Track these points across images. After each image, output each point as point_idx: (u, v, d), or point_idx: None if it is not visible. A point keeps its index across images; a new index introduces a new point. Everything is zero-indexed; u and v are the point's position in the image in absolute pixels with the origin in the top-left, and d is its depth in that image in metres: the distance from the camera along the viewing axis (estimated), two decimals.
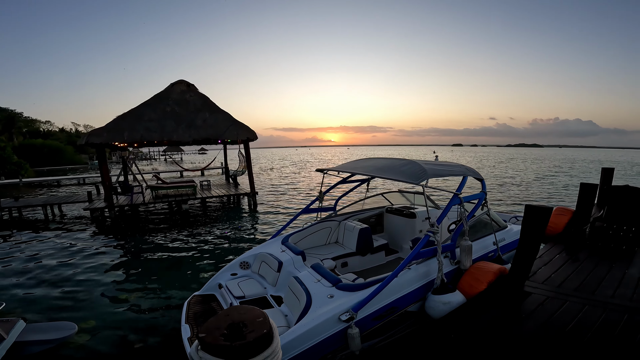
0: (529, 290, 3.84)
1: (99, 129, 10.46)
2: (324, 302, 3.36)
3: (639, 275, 4.27)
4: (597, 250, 5.33)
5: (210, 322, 1.15)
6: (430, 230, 3.80)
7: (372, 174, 4.56)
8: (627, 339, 2.80)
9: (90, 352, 4.08)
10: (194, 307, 4.21)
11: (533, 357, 2.59)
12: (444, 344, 2.76)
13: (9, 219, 11.60)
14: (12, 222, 11.25)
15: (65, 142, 40.14)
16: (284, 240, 5.15)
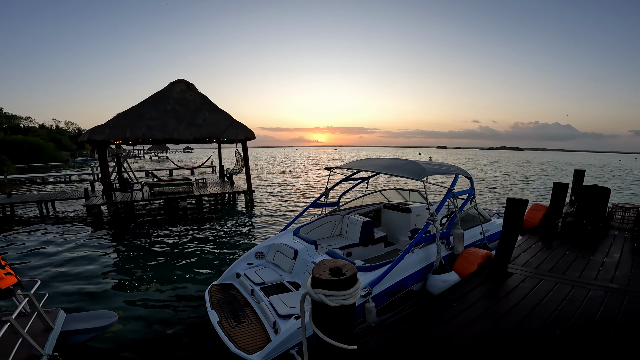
0: (511, 271, 4.54)
1: (101, 126, 10.62)
2: None
3: (601, 261, 5.06)
4: (568, 240, 6.13)
5: (318, 268, 1.71)
6: (430, 219, 4.43)
7: (378, 171, 5.18)
8: (589, 310, 3.52)
9: (127, 340, 4.31)
10: (215, 295, 4.61)
11: (516, 321, 3.24)
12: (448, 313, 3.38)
13: (2, 216, 11.53)
14: (6, 219, 11.20)
15: (46, 139, 38.96)
16: (296, 232, 5.67)
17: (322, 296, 1.59)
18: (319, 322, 1.75)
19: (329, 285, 1.59)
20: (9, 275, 3.39)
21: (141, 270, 6.70)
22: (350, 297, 1.64)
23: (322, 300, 1.59)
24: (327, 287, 1.59)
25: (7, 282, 3.36)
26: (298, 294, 4.27)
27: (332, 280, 1.59)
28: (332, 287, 1.59)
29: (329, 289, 1.59)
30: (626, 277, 4.39)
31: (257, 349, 3.41)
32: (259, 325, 3.87)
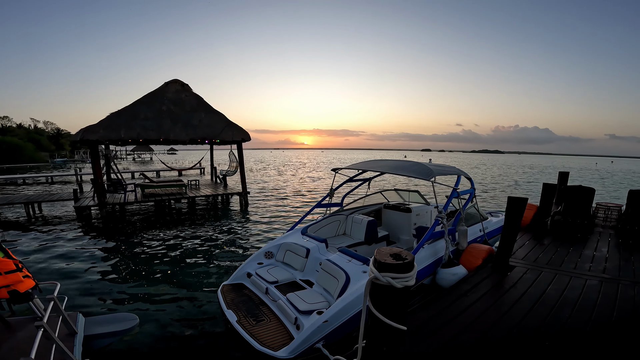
0: (513, 264, 4.85)
1: (94, 126, 10.40)
2: (360, 277, 4.08)
3: (592, 254, 5.46)
4: (558, 236, 6.55)
5: (379, 254, 1.88)
6: (439, 217, 4.68)
7: (387, 171, 5.40)
8: (590, 297, 3.84)
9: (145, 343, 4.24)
10: (228, 295, 4.66)
11: (528, 307, 3.51)
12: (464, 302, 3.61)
13: None
14: None
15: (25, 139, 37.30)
16: (303, 231, 5.80)
17: (389, 279, 1.76)
18: (378, 305, 1.91)
19: (395, 268, 1.76)
20: (27, 278, 3.32)
21: (145, 272, 6.59)
22: (411, 279, 1.81)
23: (390, 282, 1.76)
24: (393, 271, 1.77)
25: (26, 285, 3.28)
26: (314, 291, 4.38)
27: (397, 264, 1.77)
28: (398, 270, 1.77)
29: (395, 272, 1.77)
30: (616, 269, 4.77)
31: (281, 345, 3.49)
32: (279, 323, 3.95)
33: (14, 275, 3.21)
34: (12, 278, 3.20)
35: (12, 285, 3.19)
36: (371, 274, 1.88)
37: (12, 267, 3.24)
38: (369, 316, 2.00)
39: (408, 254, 1.87)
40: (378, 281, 1.82)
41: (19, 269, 3.29)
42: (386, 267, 1.79)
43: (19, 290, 3.20)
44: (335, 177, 6.68)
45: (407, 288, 1.86)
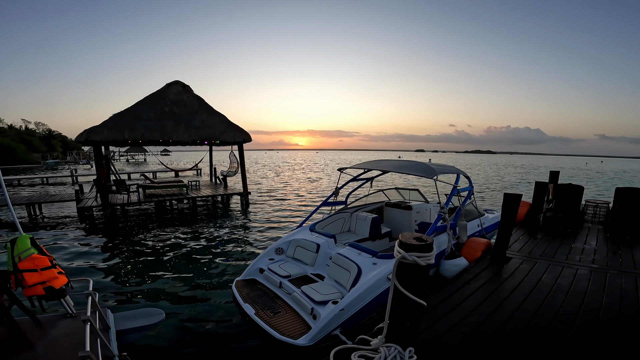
0: (510, 256, 5.20)
1: (99, 127, 10.52)
2: (371, 268, 4.37)
3: (582, 247, 5.85)
4: (550, 231, 6.95)
5: (404, 238, 2.18)
6: (441, 212, 5.00)
7: (392, 170, 5.72)
8: (581, 284, 4.21)
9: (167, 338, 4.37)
10: (242, 290, 4.85)
11: (526, 292, 3.85)
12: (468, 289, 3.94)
13: None
14: None
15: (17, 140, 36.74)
16: (312, 228, 6.09)
17: (415, 257, 2.06)
18: (403, 283, 2.21)
19: (419, 249, 2.07)
20: (61, 274, 3.38)
21: (154, 271, 6.73)
22: (431, 258, 2.12)
23: (415, 261, 2.06)
24: (418, 250, 2.07)
25: (60, 281, 3.35)
26: (326, 284, 4.64)
27: (421, 245, 2.07)
28: (421, 250, 2.07)
29: (419, 252, 2.07)
30: (604, 260, 5.16)
31: (299, 334, 3.70)
32: (295, 314, 4.19)
33: (49, 271, 3.29)
34: (47, 275, 3.27)
35: (47, 281, 3.26)
36: (398, 255, 2.17)
37: (48, 264, 3.31)
38: (395, 294, 2.29)
39: (428, 238, 2.18)
40: (405, 260, 2.11)
41: (53, 265, 3.35)
42: (412, 248, 2.09)
43: (55, 287, 3.28)
44: (339, 176, 7.00)
45: (428, 267, 2.16)
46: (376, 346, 2.48)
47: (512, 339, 2.85)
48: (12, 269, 3.22)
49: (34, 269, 3.20)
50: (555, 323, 3.14)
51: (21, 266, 3.19)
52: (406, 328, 2.37)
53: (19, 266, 3.19)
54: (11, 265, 3.24)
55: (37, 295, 3.25)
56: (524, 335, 2.89)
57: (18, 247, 3.23)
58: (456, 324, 3.06)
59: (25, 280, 3.19)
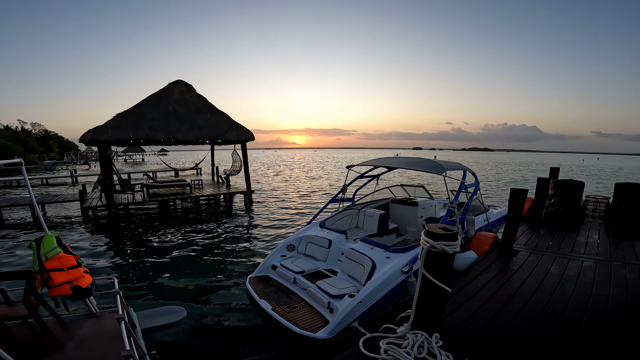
0: (517, 249, 5.35)
1: (103, 126, 10.54)
2: (384, 262, 4.49)
3: (585, 241, 6.01)
4: (553, 226, 7.12)
5: (431, 228, 2.30)
6: (451, 206, 5.14)
7: (401, 167, 5.85)
8: (588, 275, 4.37)
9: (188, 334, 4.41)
10: (256, 286, 4.93)
11: (537, 283, 4.00)
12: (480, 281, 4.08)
13: None
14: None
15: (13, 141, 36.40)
16: (322, 224, 6.20)
17: (443, 246, 2.18)
18: (430, 270, 2.33)
19: (446, 237, 2.19)
20: (87, 273, 3.37)
21: (164, 270, 6.76)
22: (457, 246, 2.24)
23: (444, 249, 2.18)
24: (445, 239, 2.19)
25: (86, 280, 3.33)
26: (340, 278, 4.75)
27: (448, 234, 2.20)
28: (448, 239, 2.20)
29: (446, 240, 2.19)
30: (607, 252, 5.32)
31: (318, 328, 3.79)
32: (311, 309, 4.28)
33: (75, 270, 3.27)
34: (74, 274, 3.25)
35: (74, 281, 3.23)
36: (426, 244, 2.29)
37: (74, 263, 3.29)
38: (423, 282, 2.41)
39: (452, 228, 2.30)
40: (434, 249, 2.24)
41: (79, 264, 3.33)
42: (439, 237, 2.21)
43: (81, 286, 3.25)
44: (347, 173, 7.13)
45: (454, 254, 2.29)
46: (402, 333, 2.60)
47: (529, 325, 2.98)
48: (38, 269, 3.20)
49: (60, 268, 3.18)
50: (568, 311, 3.28)
51: (48, 265, 3.16)
52: (432, 315, 2.50)
53: (46, 265, 3.17)
54: (37, 264, 3.22)
55: (64, 294, 3.22)
56: (540, 321, 3.03)
57: (44, 247, 3.21)
58: (475, 311, 3.19)
59: (52, 280, 3.17)
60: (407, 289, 4.30)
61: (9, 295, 3.31)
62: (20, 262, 7.22)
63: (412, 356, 2.33)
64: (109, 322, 3.32)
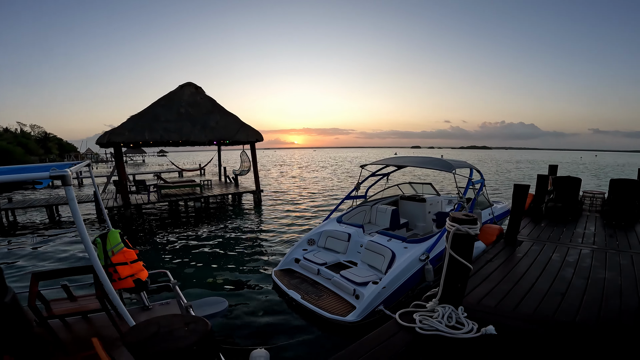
0: (521, 240, 5.85)
1: (119, 128, 10.91)
2: (403, 252, 4.95)
3: (582, 232, 6.52)
4: (552, 219, 7.63)
5: (455, 215, 2.76)
6: (461, 201, 5.61)
7: (412, 165, 6.32)
8: (586, 261, 4.86)
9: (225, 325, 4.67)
10: (282, 279, 5.33)
11: (542, 268, 4.48)
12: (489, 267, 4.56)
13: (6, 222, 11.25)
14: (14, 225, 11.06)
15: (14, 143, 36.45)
16: (339, 220, 6.66)
17: (467, 229, 2.65)
18: (455, 249, 2.80)
19: (469, 222, 2.67)
20: (144, 267, 3.50)
21: (187, 266, 7.06)
22: (478, 229, 2.71)
23: (467, 231, 2.65)
24: (468, 223, 2.67)
25: (145, 273, 3.47)
26: (360, 268, 5.19)
27: (470, 219, 2.67)
28: (471, 222, 2.67)
29: (470, 224, 2.66)
30: (603, 242, 5.83)
31: (347, 312, 4.21)
32: (337, 296, 4.71)
33: (137, 264, 3.40)
34: (136, 267, 3.38)
35: (135, 274, 3.36)
36: (452, 228, 2.76)
37: (135, 257, 3.43)
38: (450, 261, 2.88)
39: (471, 214, 2.78)
40: (459, 231, 2.70)
41: (139, 258, 3.47)
42: (464, 221, 2.68)
43: (142, 279, 3.39)
44: (360, 172, 7.58)
45: (475, 236, 2.75)
46: (432, 307, 3.07)
47: (537, 301, 3.46)
48: (104, 263, 3.31)
49: (124, 262, 3.32)
50: (570, 291, 3.77)
51: (114, 260, 3.30)
52: (457, 290, 2.96)
53: (112, 260, 3.30)
54: (103, 259, 3.33)
55: (127, 288, 3.36)
56: (547, 298, 3.52)
57: (110, 242, 3.34)
58: (489, 291, 3.67)
59: (117, 274, 3.29)
60: (425, 276, 4.77)
61: (71, 290, 3.41)
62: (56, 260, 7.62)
63: (443, 324, 2.79)
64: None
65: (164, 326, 1.13)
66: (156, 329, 1.11)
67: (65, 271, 3.20)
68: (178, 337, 1.07)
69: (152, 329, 1.11)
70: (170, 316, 1.22)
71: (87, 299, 3.39)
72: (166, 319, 1.19)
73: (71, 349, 2.86)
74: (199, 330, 1.11)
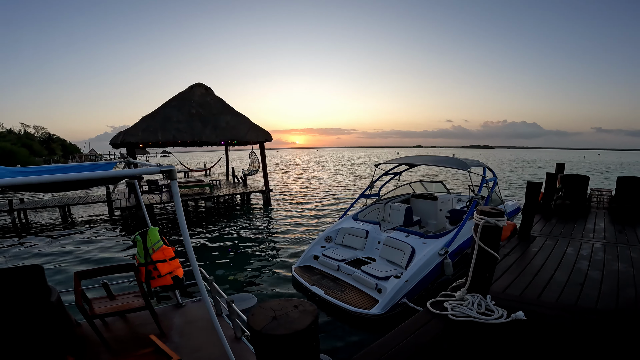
0: (534, 235, 6.03)
1: (133, 128, 11.11)
2: (422, 247, 5.12)
3: (592, 228, 6.70)
4: (562, 216, 7.81)
5: (482, 208, 2.95)
6: (476, 198, 5.79)
7: (426, 164, 6.51)
8: (599, 254, 5.05)
9: None
10: (303, 275, 5.48)
11: (557, 261, 4.67)
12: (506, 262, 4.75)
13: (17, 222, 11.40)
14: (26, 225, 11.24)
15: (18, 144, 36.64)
16: (355, 217, 6.84)
17: (496, 221, 2.84)
18: (483, 241, 2.99)
19: (497, 214, 2.88)
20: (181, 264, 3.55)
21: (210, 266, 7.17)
22: (504, 222, 2.91)
23: (496, 223, 2.84)
24: (497, 216, 2.87)
25: (182, 271, 3.51)
26: (380, 264, 5.34)
27: (498, 212, 2.88)
28: (499, 215, 2.88)
29: (498, 217, 2.86)
30: (613, 236, 6.01)
31: (370, 306, 4.36)
32: (358, 291, 4.86)
33: (174, 261, 3.46)
34: (174, 264, 3.44)
35: (173, 271, 3.41)
36: (481, 221, 2.95)
37: (173, 254, 3.48)
38: (479, 251, 3.07)
39: (497, 208, 2.98)
40: (488, 223, 2.90)
41: (176, 255, 3.52)
42: (492, 214, 2.89)
43: (179, 276, 3.43)
44: (374, 171, 7.76)
45: (501, 228, 2.95)
46: (460, 296, 3.25)
47: (558, 291, 3.65)
48: (144, 261, 3.36)
49: (163, 259, 3.38)
50: (587, 281, 3.95)
51: (154, 257, 3.35)
52: (485, 279, 3.15)
53: (153, 257, 3.34)
54: (143, 257, 3.38)
55: (165, 285, 3.38)
56: (568, 287, 3.71)
57: (150, 239, 3.40)
58: (511, 282, 3.86)
59: (157, 271, 3.34)
60: (444, 269, 4.95)
61: (110, 289, 3.41)
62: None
63: (474, 311, 2.98)
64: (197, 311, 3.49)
65: (278, 310, 1.24)
66: (273, 313, 1.22)
67: (107, 269, 3.22)
68: (295, 319, 1.18)
69: (270, 313, 1.22)
70: (276, 301, 1.33)
71: (126, 297, 3.38)
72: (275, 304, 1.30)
73: (119, 348, 2.85)
74: (309, 311, 1.23)
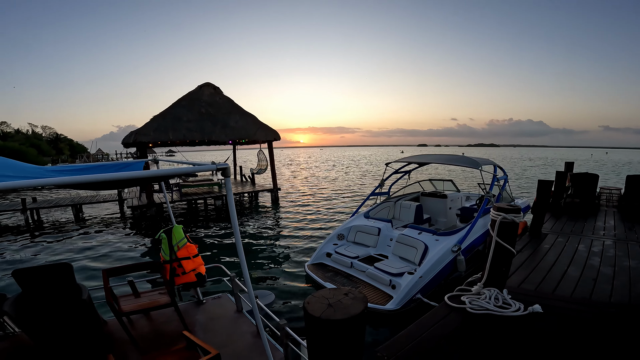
0: (545, 232, 6.10)
1: (144, 128, 11.28)
2: (435, 244, 5.22)
3: (603, 225, 6.74)
4: (572, 213, 7.85)
5: (498, 204, 3.05)
6: (487, 196, 5.88)
7: (438, 162, 6.59)
8: (610, 251, 5.11)
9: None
10: (316, 272, 5.58)
11: (570, 256, 4.74)
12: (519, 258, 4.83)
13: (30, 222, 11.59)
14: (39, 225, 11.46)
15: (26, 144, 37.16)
16: (366, 215, 6.94)
17: (513, 217, 2.94)
18: (500, 237, 3.09)
19: (514, 211, 2.98)
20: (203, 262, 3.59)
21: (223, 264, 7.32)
22: (521, 218, 3.01)
23: (513, 219, 2.95)
24: (514, 212, 2.97)
25: (204, 268, 3.55)
26: (392, 260, 5.43)
27: (515, 208, 2.99)
28: (516, 212, 2.99)
29: (515, 213, 2.97)
30: (623, 234, 6.06)
31: (385, 302, 4.48)
32: (372, 287, 4.98)
33: (197, 258, 3.50)
34: (197, 261, 3.48)
35: (196, 268, 3.45)
36: (498, 217, 3.04)
37: (196, 251, 3.52)
38: (496, 246, 3.16)
39: (513, 204, 3.08)
40: (506, 219, 2.99)
41: (199, 252, 3.56)
42: (509, 211, 2.99)
43: (202, 273, 3.47)
44: (384, 170, 7.85)
45: (517, 224, 3.05)
46: (477, 291, 3.35)
47: (572, 286, 3.73)
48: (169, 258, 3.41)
49: (187, 256, 3.43)
50: (600, 277, 4.03)
51: (179, 254, 3.39)
52: (501, 273, 3.25)
53: (178, 255, 3.39)
54: (168, 254, 3.42)
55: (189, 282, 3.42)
56: (581, 282, 3.79)
57: (175, 237, 3.45)
58: (525, 278, 3.95)
59: (182, 268, 3.38)
60: (457, 266, 5.04)
61: (136, 286, 3.41)
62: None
63: (491, 304, 3.08)
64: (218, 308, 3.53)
65: (331, 298, 1.33)
66: (327, 301, 1.31)
67: (134, 267, 3.26)
68: (348, 305, 1.27)
69: (324, 301, 1.31)
70: (326, 290, 1.42)
71: (151, 295, 3.41)
72: (327, 292, 1.40)
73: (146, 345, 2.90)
74: (359, 298, 1.33)
